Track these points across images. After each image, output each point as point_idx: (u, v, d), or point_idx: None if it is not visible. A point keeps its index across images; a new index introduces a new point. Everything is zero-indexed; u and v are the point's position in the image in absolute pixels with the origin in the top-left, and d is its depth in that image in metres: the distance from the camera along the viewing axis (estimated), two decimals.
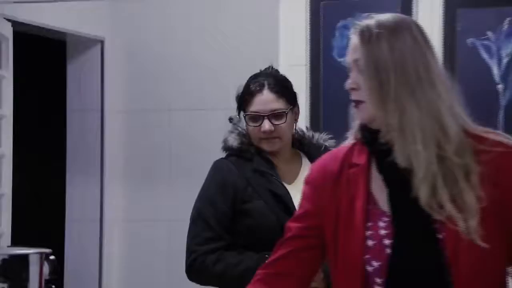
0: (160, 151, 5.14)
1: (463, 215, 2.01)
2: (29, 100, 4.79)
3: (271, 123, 2.96)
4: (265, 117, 2.96)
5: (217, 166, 3.11)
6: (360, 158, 2.19)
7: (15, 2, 4.24)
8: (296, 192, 2.86)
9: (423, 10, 3.84)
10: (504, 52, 3.72)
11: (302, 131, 3.19)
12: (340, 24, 3.99)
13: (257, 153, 3.06)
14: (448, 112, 2.07)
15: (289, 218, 2.76)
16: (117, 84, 5.33)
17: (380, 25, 2.10)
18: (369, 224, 2.12)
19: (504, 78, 3.72)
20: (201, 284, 3.14)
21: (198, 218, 3.03)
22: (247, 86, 3.06)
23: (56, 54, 5.41)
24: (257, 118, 2.98)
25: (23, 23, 4.56)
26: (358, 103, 2.14)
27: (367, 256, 2.11)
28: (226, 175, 3.05)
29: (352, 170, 2.18)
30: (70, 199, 5.33)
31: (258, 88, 3.00)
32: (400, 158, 2.07)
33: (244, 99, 3.04)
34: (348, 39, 3.91)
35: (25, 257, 2.18)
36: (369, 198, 2.15)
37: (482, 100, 3.73)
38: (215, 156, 4.15)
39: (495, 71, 3.73)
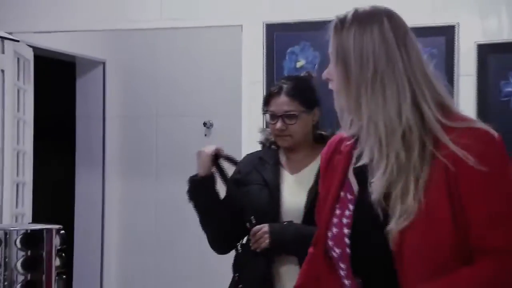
0: (149, 149, 5.15)
1: (401, 214, 1.65)
2: (46, 109, 4.78)
3: (284, 122, 2.73)
4: (279, 117, 2.73)
5: (245, 156, 2.97)
6: (346, 146, 1.84)
7: (35, 32, 4.22)
8: (296, 180, 2.77)
9: None
10: None
11: (328, 129, 2.84)
12: (289, 50, 3.98)
13: (269, 145, 2.88)
14: (407, 109, 1.66)
15: (271, 201, 2.74)
16: (115, 96, 5.33)
17: (353, 17, 1.74)
18: (338, 211, 1.80)
19: None
20: (214, 241, 2.92)
21: None
22: (269, 88, 2.88)
23: (67, 72, 5.39)
24: (273, 117, 2.75)
25: (41, 48, 4.54)
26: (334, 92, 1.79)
27: (331, 243, 1.80)
28: (243, 162, 2.91)
29: (338, 156, 1.86)
30: (78, 186, 5.33)
31: (276, 91, 2.76)
32: (364, 151, 1.74)
33: (265, 100, 2.81)
34: (295, 62, 4.01)
35: (41, 231, 2.13)
36: (346, 184, 1.81)
37: None
38: (192, 153, 4.09)
39: None
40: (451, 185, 1.63)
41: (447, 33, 3.71)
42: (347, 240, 1.76)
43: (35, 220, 4.20)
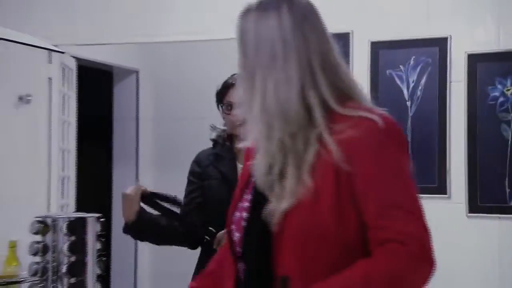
0: (176, 146, 5.13)
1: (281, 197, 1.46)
2: (87, 112, 4.79)
3: None
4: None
5: (198, 153, 2.75)
6: None
7: (78, 45, 4.22)
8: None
9: (357, 51, 3.81)
10: (411, 79, 3.69)
11: None
12: None
13: (222, 142, 2.63)
14: (299, 94, 1.47)
15: (230, 193, 2.58)
16: (147, 101, 5.34)
17: (256, 4, 1.55)
18: (245, 196, 1.59)
19: (411, 97, 3.69)
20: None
21: None
22: (225, 81, 2.60)
23: (105, 80, 5.40)
24: (231, 106, 2.51)
25: (83, 59, 4.56)
26: None
27: (233, 227, 1.60)
28: (200, 157, 2.69)
29: None
30: (115, 179, 5.34)
31: (233, 82, 2.51)
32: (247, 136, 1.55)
33: (222, 91, 2.56)
34: None
35: (84, 219, 2.16)
36: None
37: (396, 112, 3.67)
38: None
39: (405, 92, 3.70)
40: (340, 173, 1.43)
41: (440, 44, 3.67)
42: (244, 224, 1.56)
43: (78, 209, 4.24)
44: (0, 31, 2.62)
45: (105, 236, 2.25)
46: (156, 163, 5.30)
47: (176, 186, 5.09)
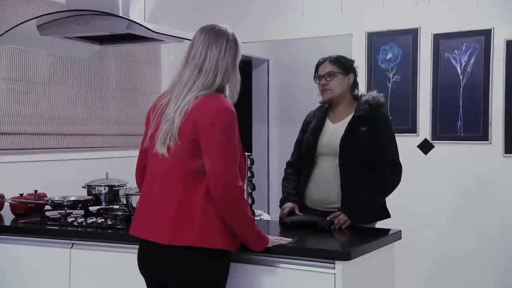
0: (292, 110, 5.01)
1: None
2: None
3: (325, 79, 2.30)
4: (323, 76, 2.31)
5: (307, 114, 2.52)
6: None
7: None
8: (335, 127, 2.33)
9: (424, 40, 3.63)
10: (462, 60, 3.49)
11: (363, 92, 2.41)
12: (382, 48, 3.77)
13: (322, 105, 2.40)
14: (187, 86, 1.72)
15: (313, 140, 2.34)
16: (274, 80, 5.32)
17: None
18: None
19: (462, 72, 3.50)
20: None
21: None
22: (319, 59, 2.37)
23: (247, 67, 5.42)
24: (319, 77, 2.32)
25: None
26: None
27: None
28: (309, 115, 2.48)
29: None
30: (254, 130, 5.37)
31: (322, 61, 2.34)
32: None
33: (316, 66, 2.36)
34: (385, 56, 3.79)
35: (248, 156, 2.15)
36: None
37: (451, 83, 3.58)
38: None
39: (458, 69, 3.52)
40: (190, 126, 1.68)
41: (485, 34, 3.46)
42: None
43: None
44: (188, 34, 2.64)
45: (252, 169, 2.28)
46: (280, 121, 5.32)
47: (291, 138, 5.13)
